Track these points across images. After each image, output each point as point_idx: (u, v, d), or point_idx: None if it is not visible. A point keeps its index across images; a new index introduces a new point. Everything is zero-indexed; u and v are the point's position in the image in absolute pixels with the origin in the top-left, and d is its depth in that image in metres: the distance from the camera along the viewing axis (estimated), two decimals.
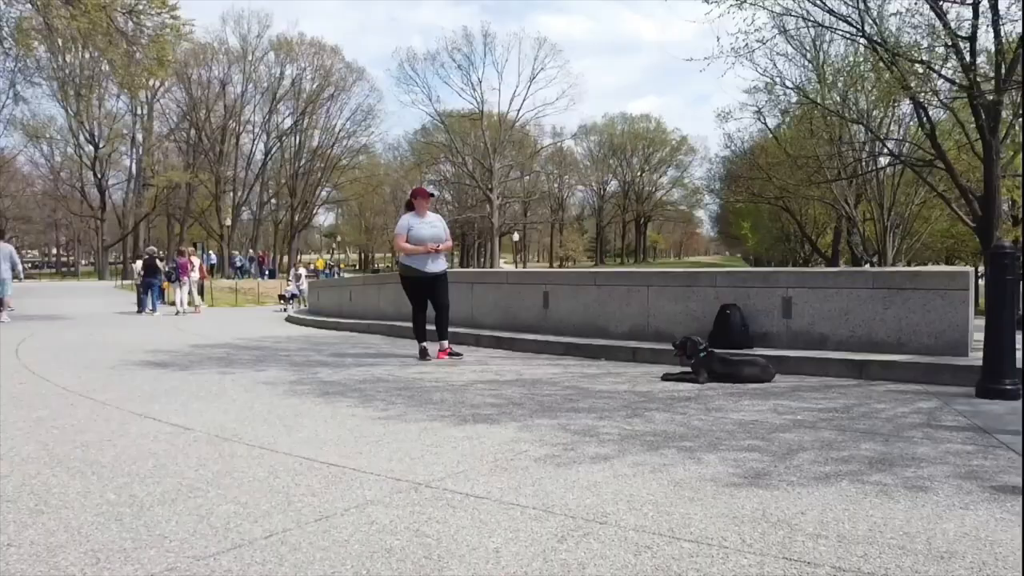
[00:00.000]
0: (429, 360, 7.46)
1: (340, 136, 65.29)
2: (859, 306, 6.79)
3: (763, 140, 44.12)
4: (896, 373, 5.90)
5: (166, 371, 6.71)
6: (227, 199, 60.52)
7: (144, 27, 15.26)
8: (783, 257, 54.86)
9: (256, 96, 61.79)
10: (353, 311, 15.16)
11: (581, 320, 8.74)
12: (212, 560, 2.18)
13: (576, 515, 2.58)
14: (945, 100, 20.14)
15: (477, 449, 3.58)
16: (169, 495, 2.82)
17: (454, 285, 8.23)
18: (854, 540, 2.33)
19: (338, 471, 3.17)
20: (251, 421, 4.31)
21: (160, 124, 59.79)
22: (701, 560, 2.18)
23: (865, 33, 19.24)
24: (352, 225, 75.92)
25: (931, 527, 2.44)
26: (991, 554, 2.22)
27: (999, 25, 17.12)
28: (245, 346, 9.45)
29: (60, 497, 2.79)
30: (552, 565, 2.14)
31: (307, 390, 5.53)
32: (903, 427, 4.10)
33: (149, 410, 4.63)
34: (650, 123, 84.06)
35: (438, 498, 2.79)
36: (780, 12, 19.38)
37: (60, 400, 5.08)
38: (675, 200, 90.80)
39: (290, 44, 60.89)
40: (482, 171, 60.70)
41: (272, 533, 2.40)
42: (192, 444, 3.70)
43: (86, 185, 58.06)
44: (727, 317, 7.26)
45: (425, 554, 2.22)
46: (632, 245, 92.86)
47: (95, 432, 3.99)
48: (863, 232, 37.99)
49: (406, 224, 7.59)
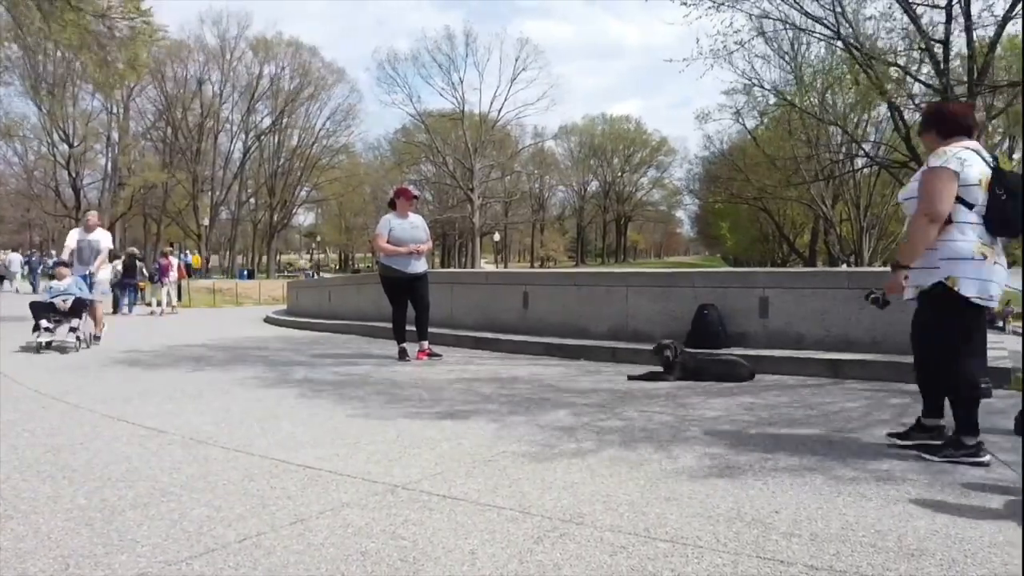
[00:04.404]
0: (409, 360, 7.44)
1: (320, 136, 64.93)
2: (835, 306, 6.86)
3: (742, 141, 44.57)
4: (871, 372, 5.97)
5: (141, 372, 6.63)
6: (205, 199, 59.88)
7: (117, 29, 15.06)
8: (761, 257, 55.38)
9: (234, 95, 61.30)
10: (333, 311, 15.07)
11: (561, 320, 8.76)
12: (184, 565, 2.15)
13: (553, 516, 2.59)
14: (920, 103, 20.43)
15: (455, 450, 3.58)
16: (141, 499, 2.78)
17: (434, 285, 8.20)
18: (827, 538, 2.35)
19: (314, 473, 3.15)
20: (227, 423, 4.27)
21: (136, 123, 59.04)
22: (676, 560, 2.19)
23: (841, 36, 19.47)
24: (332, 225, 75.39)
25: (902, 525, 2.48)
26: (961, 551, 2.25)
27: (971, 29, 17.41)
28: (222, 347, 9.35)
29: (30, 502, 2.75)
30: (528, 566, 2.14)
31: (284, 391, 5.49)
32: (876, 425, 4.15)
33: (123, 413, 4.56)
34: (630, 124, 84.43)
35: (414, 500, 2.78)
36: (758, 15, 19.58)
37: (32, 403, 5.00)
38: (655, 201, 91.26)
39: (268, 43, 60.43)
40: (463, 171, 60.61)
41: (246, 537, 2.38)
42: (166, 447, 3.66)
43: (60, 184, 57.14)
44: (705, 317, 7.31)
45: (400, 556, 2.21)
46: (613, 245, 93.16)
47: (67, 435, 3.93)
48: (840, 232, 38.47)
49: (387, 224, 7.56)
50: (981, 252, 3.31)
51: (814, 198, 36.20)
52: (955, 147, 3.38)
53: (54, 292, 8.60)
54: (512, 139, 70.41)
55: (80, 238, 9.53)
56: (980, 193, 3.31)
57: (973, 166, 3.32)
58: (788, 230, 47.04)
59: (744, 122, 37.81)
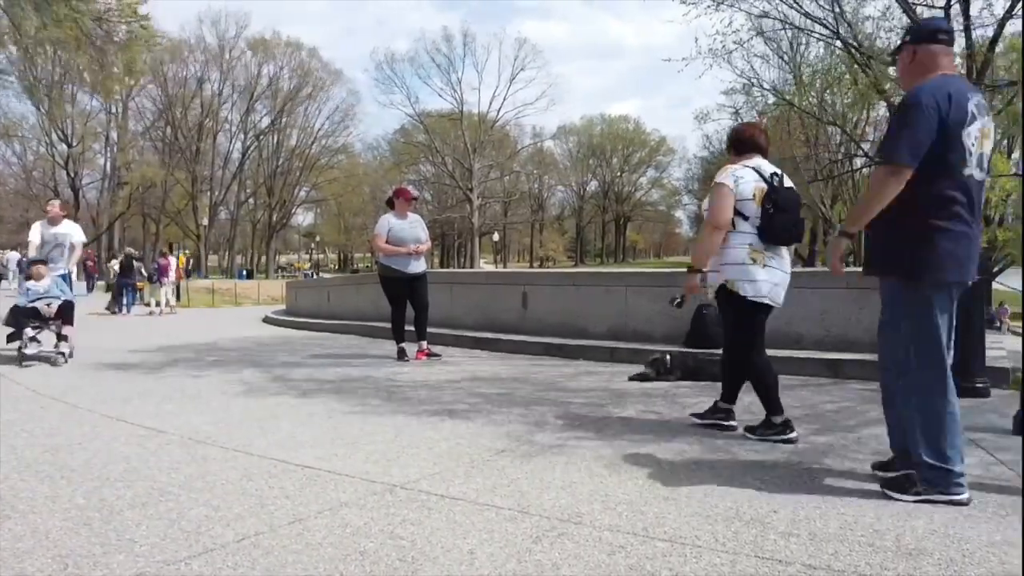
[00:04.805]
0: (408, 360, 7.43)
1: (318, 136, 64.96)
2: (835, 306, 6.86)
3: None
4: (870, 372, 5.94)
5: (140, 373, 6.63)
6: (204, 199, 59.85)
7: (114, 34, 15.06)
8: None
9: (233, 95, 61.29)
10: (332, 311, 15.07)
11: (560, 320, 8.76)
12: (183, 565, 2.15)
13: (551, 515, 2.59)
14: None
15: (453, 450, 3.58)
16: (140, 499, 2.78)
17: (433, 285, 8.20)
18: (825, 538, 2.35)
19: (313, 473, 3.15)
20: (226, 423, 4.27)
21: (135, 122, 59.04)
22: (674, 559, 2.19)
23: (840, 36, 19.48)
24: (331, 225, 75.35)
25: (900, 524, 2.48)
26: (959, 551, 2.25)
27: (970, 29, 17.41)
28: (221, 347, 9.35)
29: (28, 502, 2.75)
30: (526, 566, 2.14)
31: (283, 391, 5.49)
32: (874, 425, 4.14)
33: (122, 413, 4.56)
34: (629, 124, 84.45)
35: (413, 500, 2.78)
36: (757, 14, 19.57)
37: (30, 403, 4.99)
38: (654, 201, 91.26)
39: (267, 44, 60.44)
40: (462, 171, 60.62)
41: (244, 537, 2.38)
42: (165, 447, 3.66)
43: (59, 184, 57.05)
44: (704, 317, 7.30)
45: (399, 556, 2.21)
46: (612, 245, 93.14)
47: (65, 436, 3.93)
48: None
49: (386, 224, 7.56)
50: (752, 257, 3.74)
51: (813, 198, 36.22)
52: (737, 165, 3.84)
53: (33, 295, 7.28)
54: (511, 139, 70.45)
55: (44, 232, 8.08)
56: (753, 206, 3.75)
57: (748, 183, 3.77)
58: None
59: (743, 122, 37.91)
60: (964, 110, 2.72)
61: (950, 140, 2.70)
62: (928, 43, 2.91)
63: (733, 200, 3.74)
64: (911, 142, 2.69)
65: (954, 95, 2.72)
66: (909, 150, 2.69)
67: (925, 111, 2.68)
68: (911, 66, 2.93)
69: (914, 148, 2.69)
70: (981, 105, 2.84)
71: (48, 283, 7.46)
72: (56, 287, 7.50)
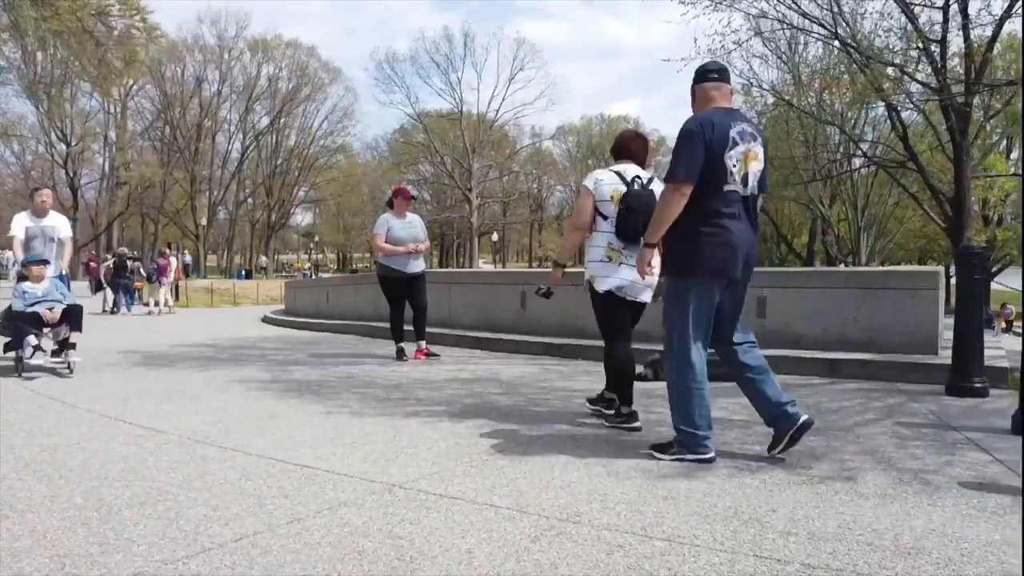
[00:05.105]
0: (406, 360, 7.43)
1: (317, 136, 64.86)
2: (832, 305, 6.87)
3: None
4: (867, 371, 5.98)
5: (139, 372, 6.62)
6: (203, 198, 59.79)
7: (114, 30, 15.05)
8: (759, 257, 55.37)
9: (232, 95, 61.20)
10: (331, 311, 15.06)
11: (558, 320, 8.75)
12: (180, 564, 2.15)
13: (550, 515, 2.59)
14: (917, 103, 20.47)
15: (452, 449, 3.57)
16: (138, 499, 2.78)
17: (432, 285, 8.20)
18: (823, 537, 2.35)
19: (311, 473, 3.15)
20: (224, 423, 4.27)
21: (134, 122, 58.92)
22: (673, 558, 2.19)
23: (839, 36, 19.49)
24: (330, 225, 75.28)
25: (899, 523, 2.48)
26: (957, 550, 2.25)
27: (968, 29, 17.42)
28: (220, 347, 9.35)
29: (26, 501, 2.74)
30: (525, 565, 2.14)
31: (282, 391, 5.48)
32: (872, 425, 4.15)
33: (120, 413, 4.56)
34: (628, 124, 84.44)
35: (412, 499, 2.78)
36: (756, 15, 19.58)
37: (28, 403, 4.99)
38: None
39: (267, 43, 60.35)
40: (461, 171, 60.58)
41: (242, 536, 2.38)
42: (163, 447, 3.66)
43: (58, 184, 56.92)
44: None
45: (397, 556, 2.21)
46: None
47: (64, 435, 3.92)
48: (837, 232, 38.49)
49: (385, 224, 7.55)
50: (608, 256, 4.08)
51: (812, 198, 36.18)
52: (600, 169, 4.28)
53: (31, 298, 6.43)
54: (510, 139, 70.37)
55: (31, 225, 7.00)
56: (612, 207, 4.06)
57: (607, 185, 4.11)
58: (786, 230, 47.00)
59: None
60: (726, 137, 3.24)
61: (714, 161, 3.21)
62: (702, 83, 3.45)
63: (592, 202, 4.11)
64: (686, 162, 3.20)
65: (717, 124, 3.24)
66: (685, 168, 3.20)
67: (694, 137, 3.21)
68: (694, 103, 3.48)
69: (689, 166, 3.19)
70: (746, 132, 3.32)
71: (48, 285, 6.65)
72: (56, 289, 6.72)
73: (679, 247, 3.34)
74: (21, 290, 6.48)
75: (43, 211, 7.12)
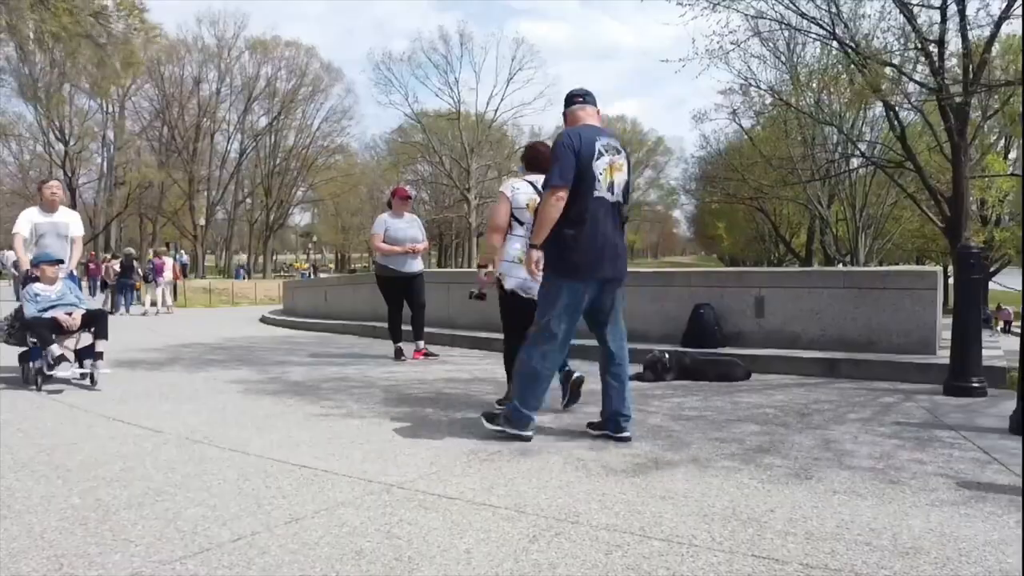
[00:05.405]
0: (404, 360, 7.43)
1: (316, 136, 64.78)
2: (831, 305, 6.87)
3: (738, 141, 44.61)
4: (866, 371, 5.99)
5: (137, 373, 6.61)
6: (201, 198, 59.72)
7: (112, 30, 15.02)
8: (758, 257, 55.42)
9: (231, 95, 61.14)
10: (328, 311, 15.05)
11: None
12: (178, 564, 2.15)
13: (548, 515, 2.59)
14: (915, 103, 20.49)
15: (450, 449, 3.57)
16: (136, 499, 2.77)
17: (430, 285, 8.20)
18: (822, 537, 2.36)
19: (310, 473, 3.15)
20: (223, 423, 4.26)
21: (132, 122, 58.78)
22: (671, 558, 2.19)
23: (836, 36, 19.51)
24: (328, 225, 75.18)
25: (897, 523, 2.48)
26: (955, 549, 2.25)
27: (966, 29, 17.45)
28: (218, 347, 9.34)
29: (23, 502, 2.74)
30: (523, 565, 2.14)
31: (280, 391, 5.48)
32: (870, 425, 4.16)
33: (119, 413, 4.55)
34: (626, 124, 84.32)
35: (410, 499, 2.78)
36: (753, 15, 19.60)
37: (26, 403, 4.98)
38: (652, 201, 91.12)
39: (266, 44, 60.26)
40: (459, 171, 60.52)
41: (240, 536, 2.38)
42: (161, 447, 3.65)
43: None
44: (701, 316, 7.31)
45: (395, 556, 2.21)
46: None
47: (62, 435, 3.92)
48: (836, 232, 38.53)
49: (383, 224, 7.55)
50: (519, 258, 4.34)
51: (810, 198, 36.24)
52: (519, 178, 4.62)
53: (44, 301, 5.75)
54: (509, 139, 70.27)
55: (40, 221, 6.33)
56: (528, 214, 4.39)
57: (523, 194, 4.49)
58: (784, 230, 47.07)
59: (740, 122, 37.93)
60: (593, 148, 3.63)
61: (583, 170, 3.59)
62: (570, 106, 3.90)
63: (509, 207, 4.49)
64: (560, 169, 3.57)
65: (584, 137, 3.65)
66: (560, 175, 3.57)
67: (566, 148, 3.60)
68: (566, 123, 3.90)
69: (563, 173, 3.57)
70: (610, 146, 3.72)
71: (62, 288, 5.94)
72: (70, 292, 6.02)
73: (552, 247, 3.66)
74: (33, 293, 5.76)
75: (53, 206, 6.43)
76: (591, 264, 3.64)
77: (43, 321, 5.61)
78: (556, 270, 3.68)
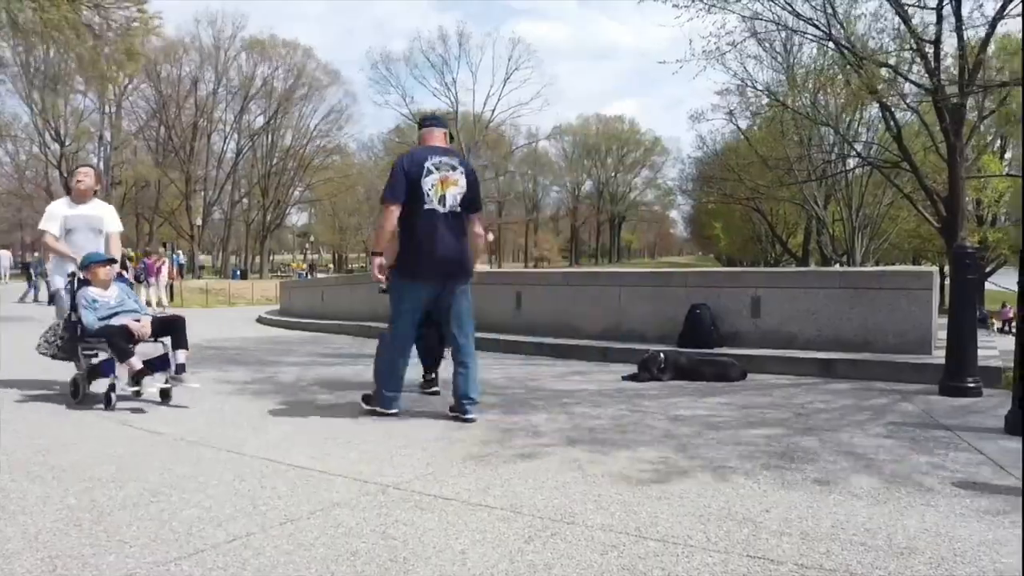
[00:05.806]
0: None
1: (313, 136, 64.72)
2: (827, 306, 6.88)
3: (735, 142, 44.65)
4: (862, 371, 5.99)
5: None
6: (198, 198, 59.61)
7: (112, 21, 14.98)
8: (754, 257, 55.44)
9: (227, 95, 61.04)
10: (325, 312, 15.04)
11: (553, 320, 8.76)
12: (173, 565, 2.14)
13: (544, 515, 2.59)
14: (911, 103, 20.53)
15: (446, 450, 3.57)
16: (131, 500, 2.77)
17: None
18: (817, 537, 2.36)
19: (305, 473, 3.14)
20: (219, 424, 4.26)
21: (129, 122, 58.63)
22: (667, 558, 2.19)
23: (832, 37, 19.54)
24: (325, 225, 75.12)
25: (892, 523, 2.48)
26: (950, 550, 2.26)
27: (962, 30, 17.49)
28: (214, 347, 9.32)
29: (18, 503, 2.73)
30: (518, 566, 2.14)
31: (276, 391, 5.47)
32: (865, 425, 4.16)
33: (113, 413, 4.54)
34: (624, 124, 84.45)
35: (406, 500, 2.78)
36: (750, 16, 19.63)
37: (22, 403, 4.96)
38: (649, 201, 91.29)
39: (263, 44, 60.17)
40: None
41: (235, 537, 2.37)
42: (157, 448, 3.65)
43: (52, 184, 56.74)
44: (697, 316, 7.32)
45: (391, 556, 2.21)
46: (607, 245, 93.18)
47: (56, 436, 3.91)
48: (832, 232, 38.56)
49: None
50: None
51: (807, 198, 36.25)
52: None
53: (104, 308, 4.93)
54: (506, 139, 70.42)
55: (70, 214, 5.49)
56: None
57: None
58: (781, 230, 47.08)
59: (737, 122, 37.96)
60: (421, 167, 4.18)
61: (412, 187, 4.15)
62: (420, 129, 4.53)
63: None
64: (390, 187, 4.17)
65: (416, 158, 4.23)
66: (390, 193, 4.15)
67: (395, 169, 4.21)
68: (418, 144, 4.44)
69: (394, 191, 4.15)
70: (444, 163, 4.27)
71: (117, 292, 5.15)
72: (131, 298, 5.25)
73: (396, 255, 4.25)
74: (90, 298, 4.91)
75: (84, 196, 5.56)
76: (426, 269, 4.20)
77: (115, 329, 4.81)
78: (398, 273, 4.28)
